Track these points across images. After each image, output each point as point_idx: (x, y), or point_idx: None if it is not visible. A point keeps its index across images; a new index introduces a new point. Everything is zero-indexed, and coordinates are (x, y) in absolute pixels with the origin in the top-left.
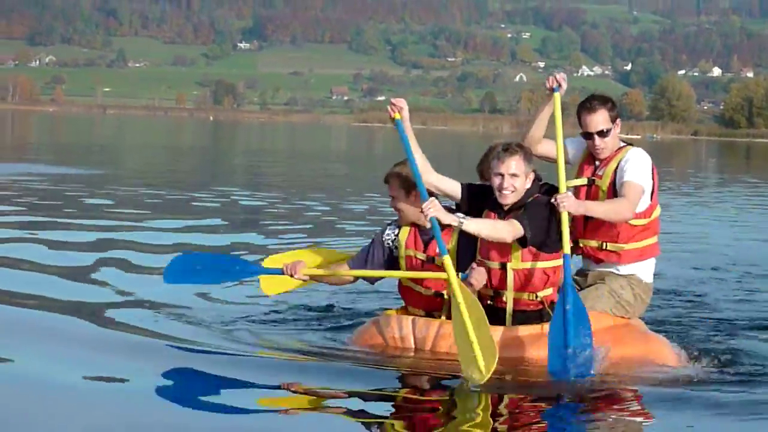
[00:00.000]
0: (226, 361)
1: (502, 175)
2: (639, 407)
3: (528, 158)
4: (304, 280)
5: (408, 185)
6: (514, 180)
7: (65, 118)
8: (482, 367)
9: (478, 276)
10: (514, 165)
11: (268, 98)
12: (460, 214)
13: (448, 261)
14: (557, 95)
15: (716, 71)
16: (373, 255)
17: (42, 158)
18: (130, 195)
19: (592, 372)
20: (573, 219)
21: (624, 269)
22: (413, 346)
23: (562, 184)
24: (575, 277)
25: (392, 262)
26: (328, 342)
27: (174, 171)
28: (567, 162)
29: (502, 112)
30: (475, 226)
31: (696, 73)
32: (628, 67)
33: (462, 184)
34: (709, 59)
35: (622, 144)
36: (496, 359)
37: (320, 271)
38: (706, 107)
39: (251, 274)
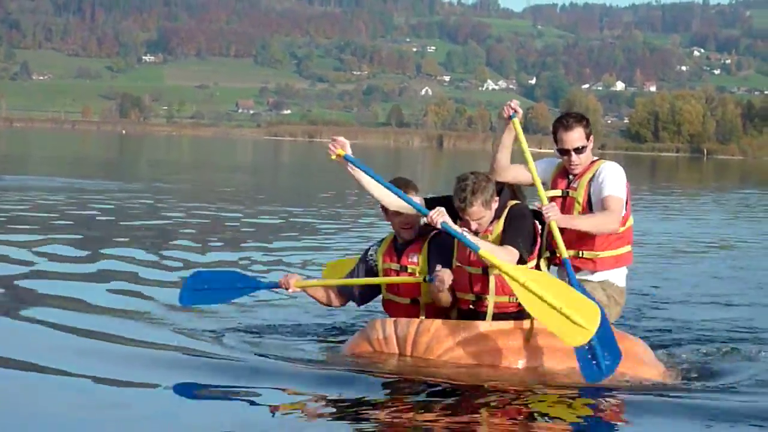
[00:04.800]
0: (218, 367)
1: (469, 221)
2: (611, 410)
3: (492, 194)
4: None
5: (416, 189)
6: (481, 219)
7: None
8: (583, 323)
9: (445, 277)
10: (477, 209)
11: (174, 111)
12: (466, 229)
13: (484, 254)
14: (516, 121)
15: (620, 85)
16: (356, 273)
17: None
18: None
19: (620, 358)
20: (549, 231)
21: (598, 276)
22: (396, 347)
23: (543, 197)
24: None
25: None
26: (323, 351)
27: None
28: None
29: (408, 125)
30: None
31: (600, 87)
32: (533, 81)
33: (424, 199)
34: (613, 73)
35: (595, 158)
36: (598, 310)
37: (311, 282)
38: (610, 121)
39: (255, 289)
